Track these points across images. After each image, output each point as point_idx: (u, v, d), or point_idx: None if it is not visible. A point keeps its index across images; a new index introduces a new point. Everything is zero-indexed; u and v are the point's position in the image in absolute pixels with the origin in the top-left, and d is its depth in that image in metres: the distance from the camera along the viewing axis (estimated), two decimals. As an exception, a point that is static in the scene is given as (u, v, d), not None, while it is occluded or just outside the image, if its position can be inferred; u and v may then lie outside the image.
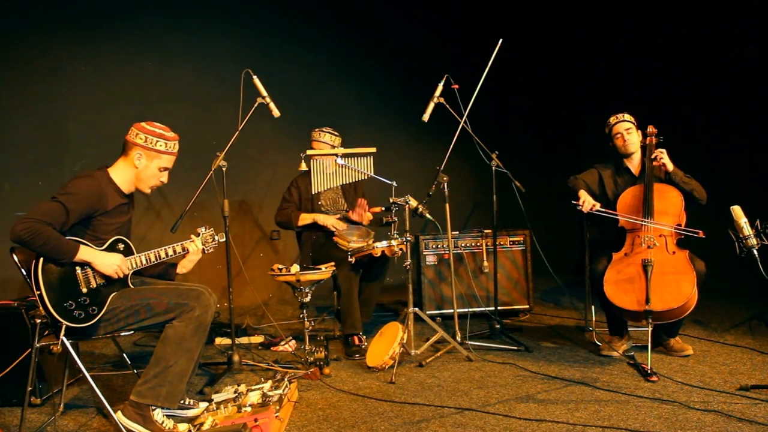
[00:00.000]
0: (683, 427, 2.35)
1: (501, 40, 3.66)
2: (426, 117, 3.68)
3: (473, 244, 4.41)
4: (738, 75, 5.00)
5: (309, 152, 3.71)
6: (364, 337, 3.65)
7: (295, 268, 3.22)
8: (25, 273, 2.37)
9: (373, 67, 6.12)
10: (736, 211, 2.98)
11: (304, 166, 3.78)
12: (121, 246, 2.57)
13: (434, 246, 4.42)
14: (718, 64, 5.11)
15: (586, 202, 3.29)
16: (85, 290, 2.42)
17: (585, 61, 6.24)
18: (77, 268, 2.42)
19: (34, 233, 2.25)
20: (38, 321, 2.56)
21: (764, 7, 4.69)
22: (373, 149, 3.75)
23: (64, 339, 2.40)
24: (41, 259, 2.33)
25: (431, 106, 3.69)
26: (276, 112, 3.48)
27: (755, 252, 2.92)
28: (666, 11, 5.43)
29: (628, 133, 3.44)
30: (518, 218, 4.19)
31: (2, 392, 2.82)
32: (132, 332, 2.64)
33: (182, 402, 2.64)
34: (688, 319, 3.47)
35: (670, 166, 3.33)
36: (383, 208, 3.60)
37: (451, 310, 4.03)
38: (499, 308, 4.07)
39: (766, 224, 2.95)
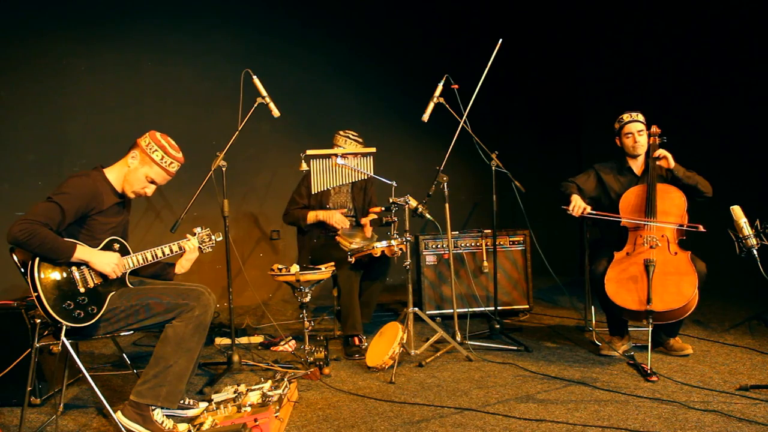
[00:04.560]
0: (683, 427, 2.35)
1: (501, 40, 3.66)
2: (426, 117, 3.68)
3: (473, 244, 4.41)
4: (739, 75, 4.99)
5: (309, 152, 3.70)
6: (364, 337, 3.65)
7: (295, 268, 3.22)
8: (24, 273, 2.37)
9: (373, 67, 6.11)
10: (736, 211, 2.98)
11: (304, 166, 3.78)
12: (116, 246, 2.57)
13: (434, 246, 4.41)
14: (718, 64, 5.10)
15: (576, 206, 3.33)
16: (83, 290, 2.42)
17: (585, 60, 6.24)
18: (73, 268, 2.42)
19: (30, 234, 2.25)
20: (38, 321, 2.55)
21: (765, 7, 4.69)
22: (373, 149, 3.75)
23: (64, 339, 2.40)
24: (37, 260, 2.32)
25: (431, 106, 3.69)
26: (276, 112, 3.48)
27: (755, 252, 2.92)
28: (666, 10, 5.42)
29: (639, 134, 3.40)
30: (518, 218, 4.19)
31: (2, 392, 2.82)
32: (132, 332, 2.64)
33: (182, 402, 2.64)
34: (688, 319, 3.47)
35: (672, 163, 3.33)
36: (383, 208, 3.60)
37: (451, 310, 4.03)
38: (498, 308, 4.06)
39: (766, 224, 2.95)
